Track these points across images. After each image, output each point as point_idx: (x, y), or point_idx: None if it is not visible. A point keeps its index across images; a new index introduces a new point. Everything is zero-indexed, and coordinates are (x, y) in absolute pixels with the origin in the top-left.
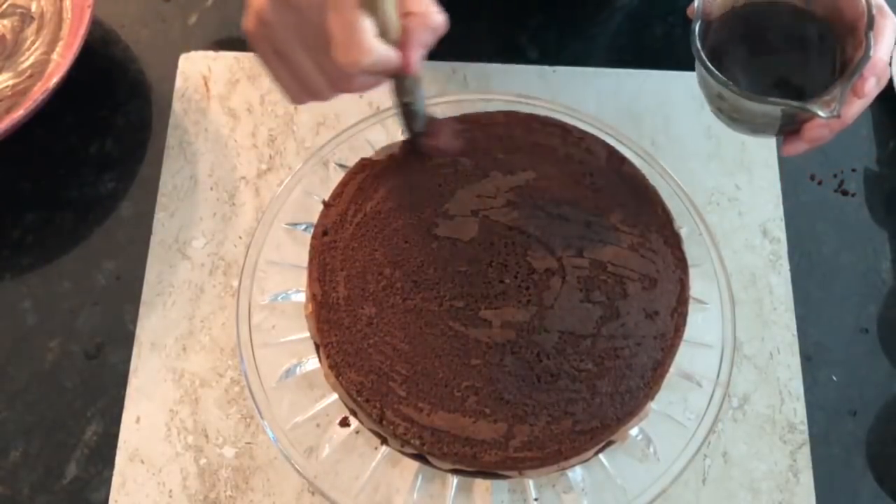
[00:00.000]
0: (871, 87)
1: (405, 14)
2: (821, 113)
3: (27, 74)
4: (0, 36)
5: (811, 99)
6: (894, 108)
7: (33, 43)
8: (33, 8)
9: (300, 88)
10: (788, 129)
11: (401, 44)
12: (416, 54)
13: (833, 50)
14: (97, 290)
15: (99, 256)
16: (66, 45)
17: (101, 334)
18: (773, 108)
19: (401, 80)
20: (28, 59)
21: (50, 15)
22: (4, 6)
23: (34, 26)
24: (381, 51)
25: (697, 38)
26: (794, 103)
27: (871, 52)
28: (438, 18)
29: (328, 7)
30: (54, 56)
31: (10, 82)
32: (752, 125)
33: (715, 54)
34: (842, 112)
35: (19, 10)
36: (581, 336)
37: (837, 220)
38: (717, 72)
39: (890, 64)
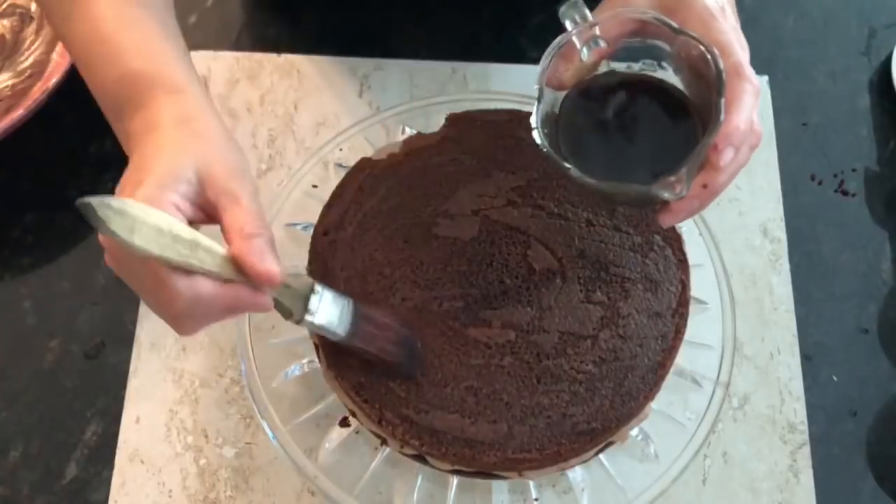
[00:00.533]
0: (728, 157)
1: (233, 242)
2: (666, 195)
3: (27, 74)
4: (0, 36)
5: (659, 180)
6: (894, 108)
7: (33, 43)
8: (33, 8)
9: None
10: (660, 199)
11: (241, 264)
12: (260, 261)
13: (695, 125)
14: (97, 290)
15: (99, 256)
16: None
17: (101, 334)
18: (623, 190)
19: (277, 304)
20: (28, 59)
21: None
22: (4, 6)
23: (34, 26)
24: (193, 287)
25: (537, 114)
26: (637, 187)
27: (721, 121)
28: (259, 227)
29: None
30: (54, 56)
31: (10, 82)
32: (620, 201)
33: (571, 129)
34: (708, 182)
35: (19, 10)
36: (581, 337)
37: (837, 220)
38: (551, 151)
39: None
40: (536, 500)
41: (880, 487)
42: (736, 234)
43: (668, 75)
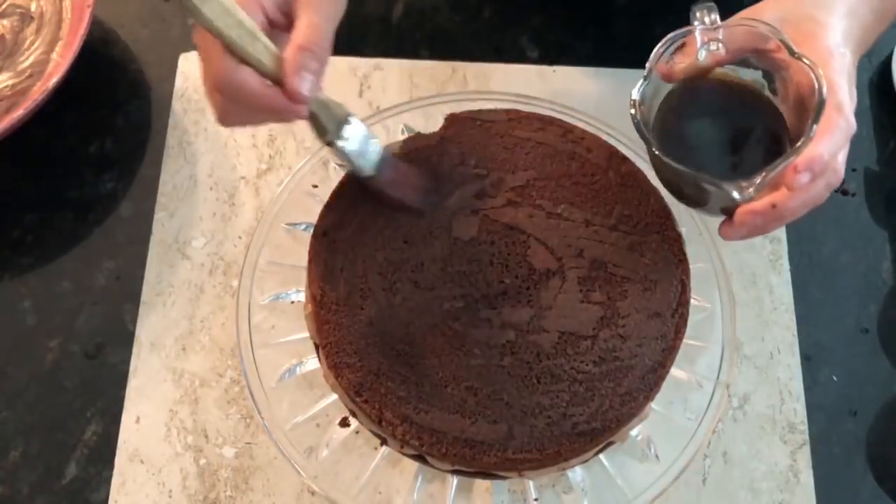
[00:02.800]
0: (802, 181)
1: (289, 49)
2: (734, 193)
3: (27, 74)
4: (0, 36)
5: (733, 179)
6: (894, 108)
7: (33, 43)
8: (33, 8)
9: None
10: (728, 210)
11: (282, 73)
12: (298, 80)
13: (783, 148)
14: (97, 290)
15: (99, 256)
16: (65, 45)
17: (101, 334)
18: (693, 181)
19: (313, 117)
20: (28, 59)
21: (49, 15)
22: (4, 6)
23: (34, 26)
24: (235, 73)
25: (639, 90)
26: (707, 177)
27: (806, 146)
28: (321, 47)
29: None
30: (54, 56)
31: (10, 82)
32: (691, 199)
33: (667, 114)
34: (777, 203)
35: (19, 10)
36: (581, 337)
37: (837, 220)
38: (641, 124)
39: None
40: (536, 500)
41: (880, 487)
42: None
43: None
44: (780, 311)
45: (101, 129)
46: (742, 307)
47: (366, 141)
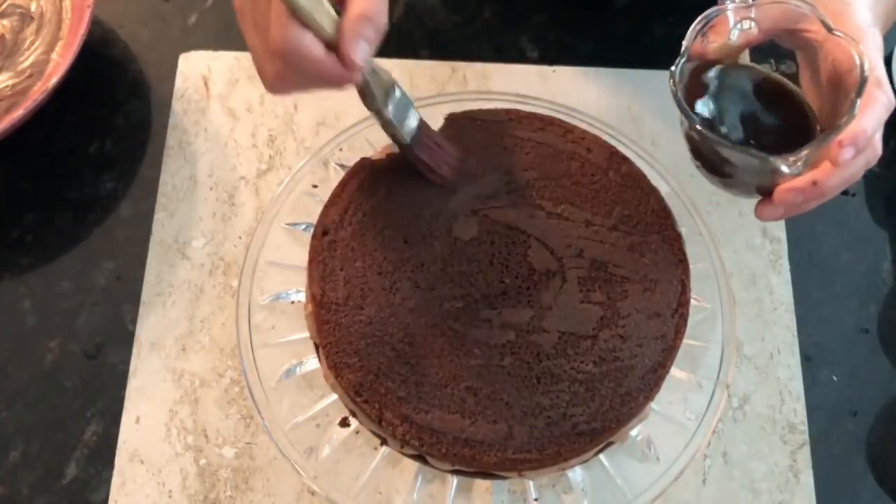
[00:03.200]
0: (847, 156)
1: (348, 16)
2: (783, 167)
3: (27, 74)
4: (0, 36)
5: (779, 154)
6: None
7: (33, 43)
8: (33, 8)
9: (261, 72)
10: (765, 189)
11: (339, 40)
12: (355, 48)
13: (813, 133)
14: (97, 290)
15: (99, 256)
16: (65, 45)
17: (101, 334)
18: (738, 156)
19: (365, 84)
20: (28, 59)
21: (49, 15)
22: (4, 6)
23: (34, 26)
24: (300, 39)
25: (678, 67)
26: (756, 152)
27: (853, 120)
28: (379, 15)
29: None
30: (54, 56)
31: (10, 82)
32: (726, 180)
33: (705, 92)
34: (819, 180)
35: (19, 10)
36: (581, 337)
37: (837, 220)
38: (681, 99)
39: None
40: (536, 500)
41: (880, 487)
42: (736, 234)
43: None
44: (780, 311)
45: (101, 129)
46: (742, 307)
47: (407, 108)
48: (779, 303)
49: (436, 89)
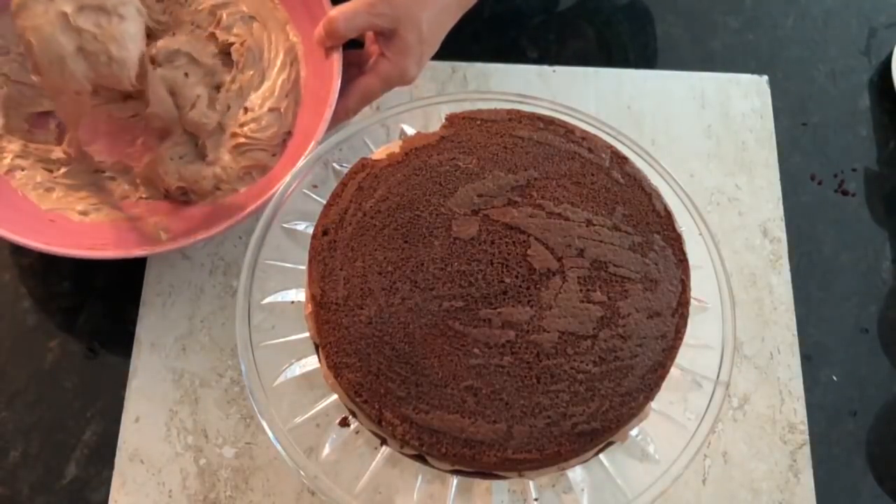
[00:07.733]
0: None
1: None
2: None
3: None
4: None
5: None
6: (894, 108)
7: None
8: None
9: None
10: None
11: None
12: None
13: None
14: (97, 290)
15: None
16: None
17: (101, 334)
18: None
19: None
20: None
21: None
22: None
23: None
24: None
25: None
26: None
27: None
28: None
29: None
30: None
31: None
32: None
33: None
34: None
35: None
36: (581, 337)
37: (837, 220)
38: None
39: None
40: (536, 500)
41: (880, 487)
42: (736, 234)
43: None
44: (780, 311)
45: None
46: (742, 307)
47: None
48: (779, 303)
49: (436, 89)
